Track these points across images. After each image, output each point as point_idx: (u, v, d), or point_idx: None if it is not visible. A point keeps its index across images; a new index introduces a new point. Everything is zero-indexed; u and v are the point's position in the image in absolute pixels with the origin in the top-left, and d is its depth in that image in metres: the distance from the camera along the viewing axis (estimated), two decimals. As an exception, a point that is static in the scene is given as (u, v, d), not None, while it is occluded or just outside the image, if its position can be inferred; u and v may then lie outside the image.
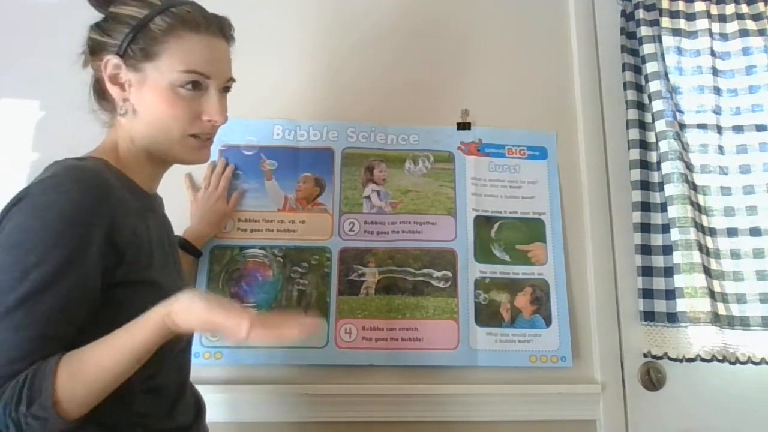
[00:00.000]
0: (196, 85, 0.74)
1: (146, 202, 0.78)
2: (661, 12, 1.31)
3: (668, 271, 1.18)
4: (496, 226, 1.25)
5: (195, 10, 0.74)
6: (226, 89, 0.80)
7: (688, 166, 1.22)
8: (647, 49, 1.27)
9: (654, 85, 1.24)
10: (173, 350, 0.70)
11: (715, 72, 1.29)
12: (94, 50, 0.75)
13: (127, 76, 0.73)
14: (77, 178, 0.66)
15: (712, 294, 1.13)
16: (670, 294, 1.17)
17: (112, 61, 0.73)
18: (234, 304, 0.66)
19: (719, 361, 1.11)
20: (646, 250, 1.22)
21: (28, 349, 0.60)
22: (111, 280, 0.67)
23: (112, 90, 0.74)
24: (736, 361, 1.13)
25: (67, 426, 0.60)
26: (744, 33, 1.30)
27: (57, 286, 0.61)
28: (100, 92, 0.77)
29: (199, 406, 0.84)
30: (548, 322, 1.20)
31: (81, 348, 0.62)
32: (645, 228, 1.23)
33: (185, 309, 0.63)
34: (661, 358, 1.17)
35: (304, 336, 0.64)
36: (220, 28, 0.77)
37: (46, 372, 0.59)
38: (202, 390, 0.88)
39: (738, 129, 1.26)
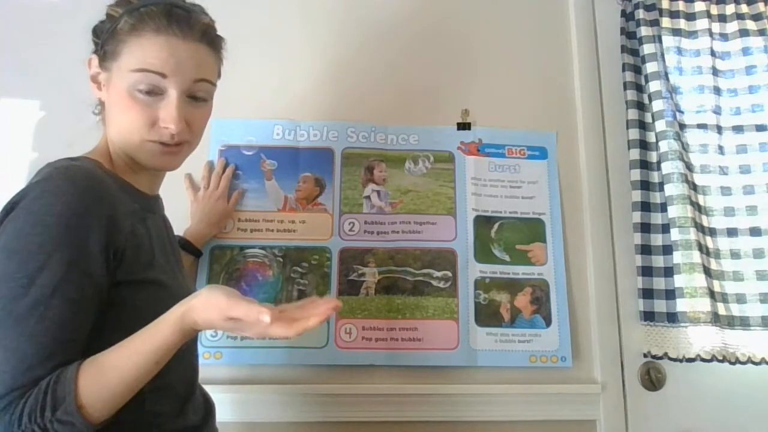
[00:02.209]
0: (152, 89, 0.70)
1: (144, 203, 0.77)
2: (661, 12, 1.31)
3: (668, 271, 1.18)
4: (496, 226, 1.25)
5: (161, 10, 0.70)
6: (199, 98, 0.74)
7: (688, 166, 1.22)
8: (647, 49, 1.27)
9: (654, 85, 1.24)
10: (179, 347, 0.70)
11: (715, 72, 1.29)
12: (94, 51, 0.76)
13: (103, 76, 0.73)
14: (71, 179, 0.65)
15: (712, 294, 1.13)
16: (670, 294, 1.17)
17: (93, 61, 0.74)
18: (253, 300, 0.63)
19: (719, 361, 1.11)
20: (646, 250, 1.22)
21: (44, 354, 0.59)
22: (112, 280, 0.66)
23: (93, 89, 0.75)
24: (736, 361, 1.13)
25: (93, 429, 0.60)
26: (744, 33, 1.30)
27: (64, 289, 0.61)
28: None
29: (208, 406, 0.84)
30: (548, 322, 1.20)
31: (101, 352, 0.62)
32: (645, 228, 1.23)
33: (205, 303, 0.62)
34: (661, 358, 1.17)
35: (328, 319, 0.61)
36: (189, 28, 0.71)
37: (68, 378, 0.59)
38: (202, 390, 0.88)
39: (738, 129, 1.27)
